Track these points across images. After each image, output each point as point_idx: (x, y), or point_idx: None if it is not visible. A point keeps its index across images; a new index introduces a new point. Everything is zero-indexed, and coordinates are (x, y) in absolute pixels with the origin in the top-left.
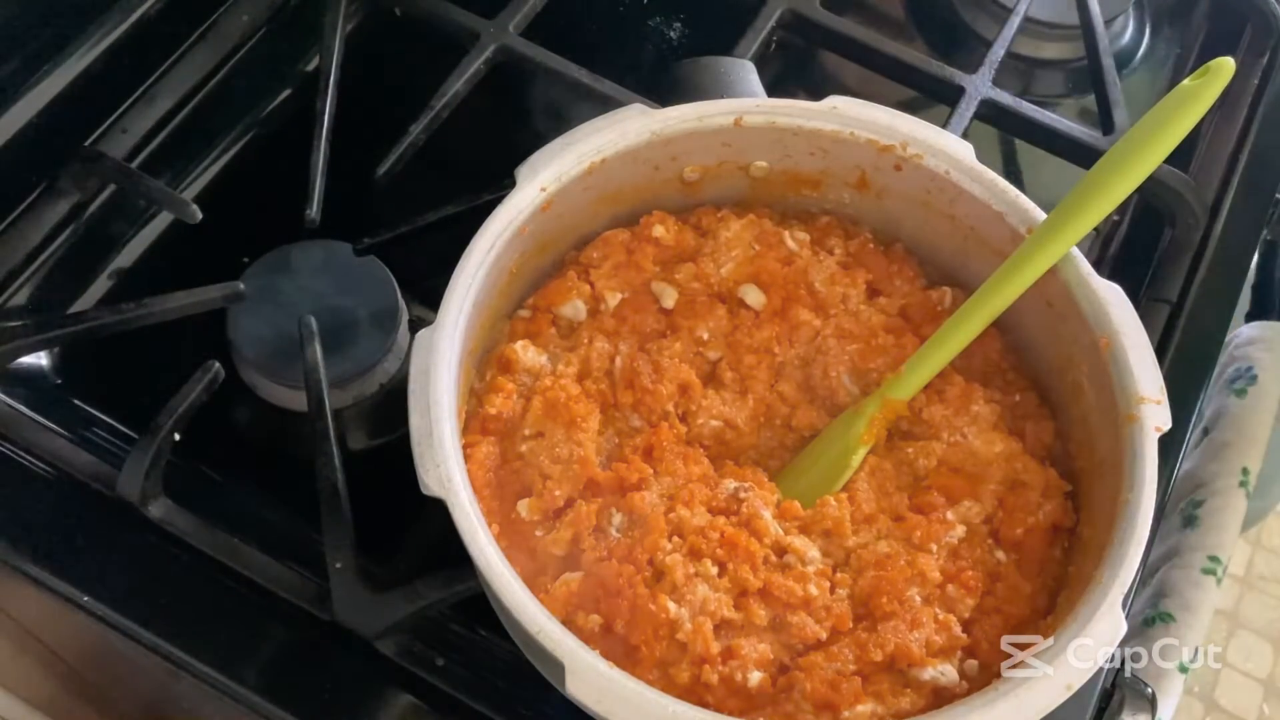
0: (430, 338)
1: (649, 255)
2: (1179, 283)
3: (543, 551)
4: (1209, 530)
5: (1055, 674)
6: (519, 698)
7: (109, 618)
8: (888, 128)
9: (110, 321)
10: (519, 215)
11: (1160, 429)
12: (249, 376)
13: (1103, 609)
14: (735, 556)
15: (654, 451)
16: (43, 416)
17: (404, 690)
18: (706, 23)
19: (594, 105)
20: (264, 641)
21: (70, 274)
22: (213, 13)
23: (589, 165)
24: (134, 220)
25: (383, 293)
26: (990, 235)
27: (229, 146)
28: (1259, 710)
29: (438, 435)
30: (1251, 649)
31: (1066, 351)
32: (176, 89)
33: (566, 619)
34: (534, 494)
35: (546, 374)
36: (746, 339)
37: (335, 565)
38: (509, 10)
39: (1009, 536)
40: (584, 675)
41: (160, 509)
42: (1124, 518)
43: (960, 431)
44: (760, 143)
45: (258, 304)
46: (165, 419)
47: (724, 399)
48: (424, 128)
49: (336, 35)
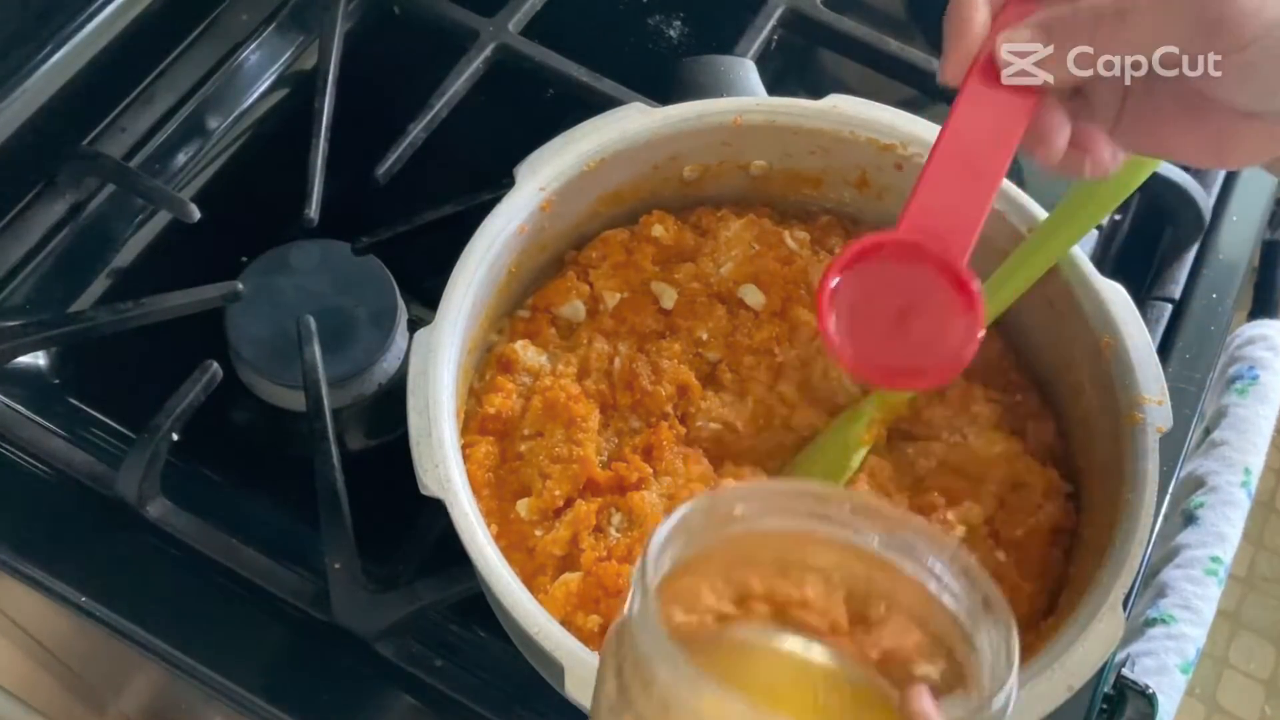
0: (429, 337)
1: (648, 255)
2: (1181, 282)
3: (542, 551)
4: (1210, 531)
5: (1055, 674)
6: (518, 698)
7: (108, 618)
8: (888, 127)
9: (108, 321)
10: (518, 215)
11: (1161, 429)
12: (247, 376)
13: (1103, 609)
14: None
15: (654, 451)
16: (40, 416)
17: (403, 691)
18: (706, 22)
19: (594, 105)
20: (262, 642)
21: (68, 273)
22: (212, 12)
23: (588, 165)
24: (132, 220)
25: (381, 292)
26: (991, 234)
27: (227, 146)
28: (1260, 711)
29: (436, 435)
30: (1253, 650)
31: (1067, 351)
32: (175, 88)
33: (566, 619)
34: (533, 494)
35: (546, 374)
36: (746, 339)
37: (334, 566)
38: (509, 9)
39: (1009, 537)
40: (584, 676)
41: (158, 509)
42: (1125, 518)
43: (960, 432)
44: (760, 142)
45: (256, 304)
46: (163, 419)
47: (723, 400)
48: (423, 127)
49: (335, 34)
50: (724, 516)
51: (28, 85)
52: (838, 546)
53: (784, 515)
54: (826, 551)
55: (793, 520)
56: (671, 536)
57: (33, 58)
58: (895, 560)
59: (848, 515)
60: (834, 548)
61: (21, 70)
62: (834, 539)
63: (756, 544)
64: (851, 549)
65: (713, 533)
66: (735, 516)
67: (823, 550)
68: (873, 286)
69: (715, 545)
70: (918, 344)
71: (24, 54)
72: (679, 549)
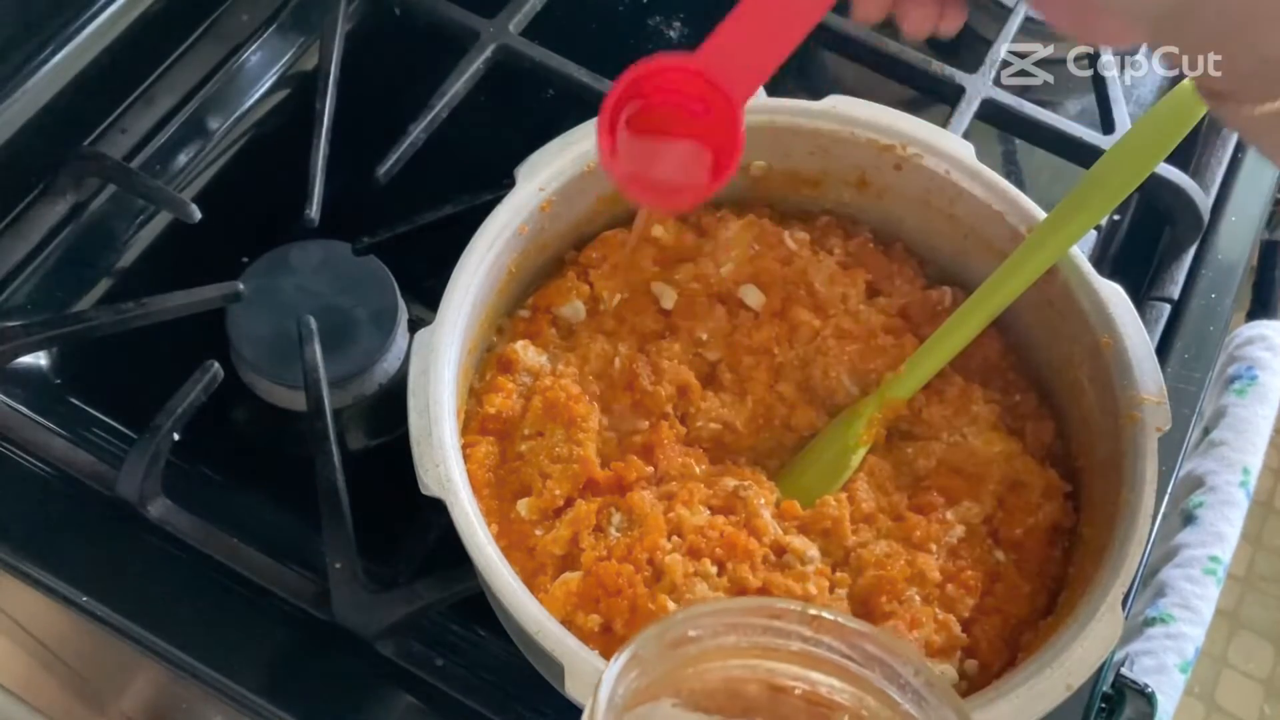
0: (430, 337)
1: (648, 255)
2: (1180, 282)
3: (542, 551)
4: (1209, 530)
5: (1054, 673)
6: (519, 698)
7: (108, 617)
8: (888, 127)
9: (109, 321)
10: (518, 215)
11: (1161, 429)
12: (248, 376)
13: (1102, 609)
14: (734, 556)
15: (654, 451)
16: (42, 416)
17: (403, 691)
18: (706, 22)
19: (594, 105)
20: (263, 642)
21: (69, 274)
22: (212, 13)
23: (589, 165)
24: (133, 220)
25: (382, 292)
26: (990, 235)
27: (228, 146)
28: (1259, 711)
29: (437, 435)
30: (1252, 649)
31: (1066, 351)
32: (176, 89)
33: (566, 619)
34: (533, 493)
35: (546, 374)
36: (746, 340)
37: (335, 565)
38: (509, 10)
39: (1009, 536)
40: (583, 676)
41: (159, 509)
42: (1124, 518)
43: (960, 431)
44: (760, 142)
45: (257, 304)
46: (164, 419)
47: (723, 401)
48: (424, 127)
49: (336, 35)
50: (676, 640)
51: (29, 86)
52: (798, 659)
53: (739, 633)
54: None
55: (749, 636)
56: (626, 668)
57: (34, 58)
58: (857, 670)
59: (807, 631)
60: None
61: (23, 71)
62: (793, 652)
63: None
64: (812, 660)
65: (667, 659)
66: (688, 639)
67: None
68: (657, 110)
69: (671, 670)
70: (682, 168)
71: (25, 54)
72: (634, 679)
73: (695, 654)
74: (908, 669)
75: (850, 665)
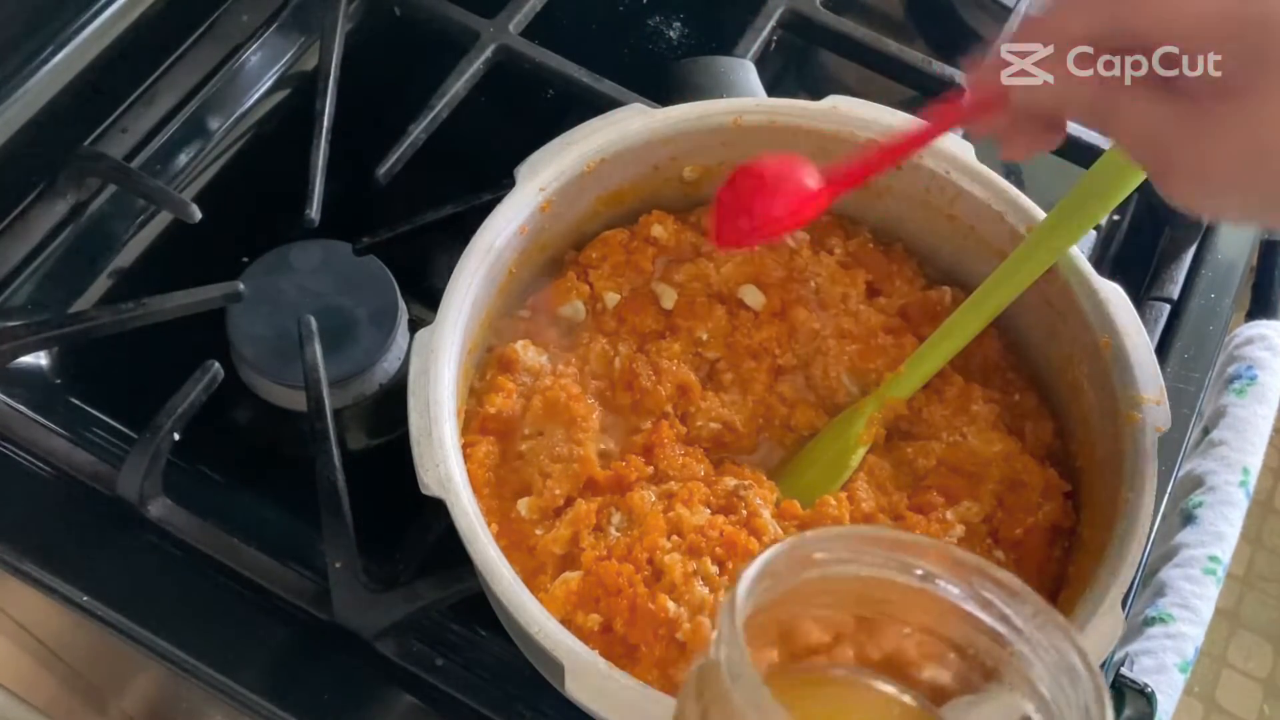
0: (430, 337)
1: (648, 255)
2: (1179, 282)
3: (542, 550)
4: (1209, 530)
5: None
6: (519, 698)
7: (109, 618)
8: (888, 127)
9: (109, 321)
10: (518, 215)
11: (1160, 429)
12: (248, 376)
13: (1102, 609)
14: (735, 555)
15: (654, 450)
16: (42, 416)
17: (403, 690)
18: (706, 22)
19: (594, 105)
20: (263, 641)
21: (70, 274)
22: (213, 13)
23: (588, 165)
24: (133, 220)
25: (382, 292)
26: (990, 235)
27: (228, 146)
28: (1259, 710)
29: (437, 435)
30: (1251, 649)
31: (1066, 351)
32: (177, 89)
33: (566, 618)
34: (533, 493)
35: (546, 374)
36: (745, 340)
37: (335, 565)
38: (509, 10)
39: (1008, 536)
40: (583, 675)
41: (159, 509)
42: (1124, 518)
43: (959, 431)
44: (760, 142)
45: (257, 304)
46: (164, 419)
47: (723, 401)
48: (424, 128)
49: (336, 35)
50: (803, 560)
51: (29, 86)
52: (914, 594)
53: (863, 562)
54: (903, 598)
55: (870, 567)
56: (758, 578)
57: (34, 58)
58: (974, 611)
59: (929, 564)
60: (910, 595)
61: (23, 71)
62: (911, 587)
63: (835, 588)
64: (928, 597)
65: (793, 576)
66: (815, 561)
67: (899, 597)
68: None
69: (794, 589)
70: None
71: (26, 54)
72: (762, 593)
73: (818, 577)
74: (1025, 609)
75: (965, 605)
